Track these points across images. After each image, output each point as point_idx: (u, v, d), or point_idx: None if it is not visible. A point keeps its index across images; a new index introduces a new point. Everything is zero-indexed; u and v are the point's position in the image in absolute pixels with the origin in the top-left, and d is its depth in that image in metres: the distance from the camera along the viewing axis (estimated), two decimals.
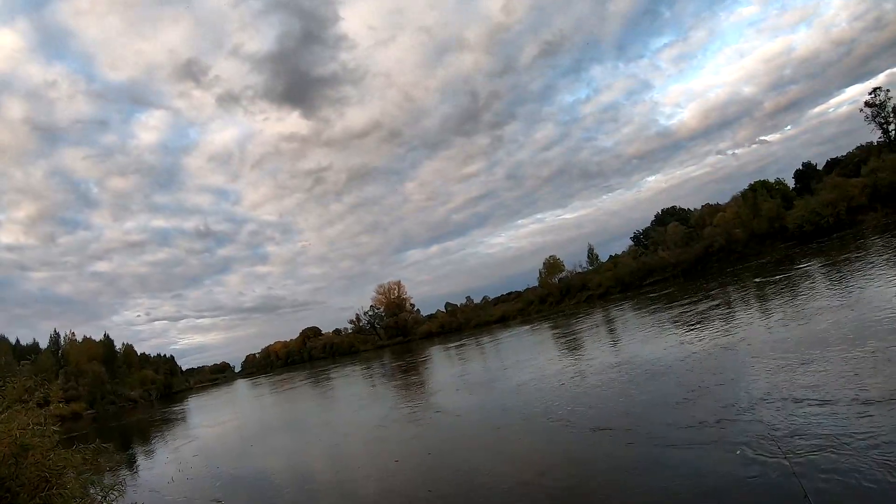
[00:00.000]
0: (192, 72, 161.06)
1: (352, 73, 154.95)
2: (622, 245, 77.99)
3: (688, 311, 25.88)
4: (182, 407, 53.31)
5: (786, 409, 8.96)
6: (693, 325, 21.14)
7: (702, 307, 26.01)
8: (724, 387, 11.31)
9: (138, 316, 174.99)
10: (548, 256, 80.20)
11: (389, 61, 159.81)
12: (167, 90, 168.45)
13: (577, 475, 8.64)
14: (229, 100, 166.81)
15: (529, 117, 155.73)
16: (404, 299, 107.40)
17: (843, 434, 7.38)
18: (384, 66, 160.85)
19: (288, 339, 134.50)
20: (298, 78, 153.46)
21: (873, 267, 21.83)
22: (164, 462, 19.41)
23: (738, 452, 7.73)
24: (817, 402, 8.82)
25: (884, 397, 8.15)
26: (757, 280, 31.76)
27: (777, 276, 29.86)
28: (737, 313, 21.32)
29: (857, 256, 27.04)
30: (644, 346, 19.40)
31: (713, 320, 20.90)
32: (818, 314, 15.86)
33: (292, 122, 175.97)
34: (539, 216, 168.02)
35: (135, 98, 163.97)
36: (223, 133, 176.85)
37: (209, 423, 32.16)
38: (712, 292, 31.76)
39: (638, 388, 13.32)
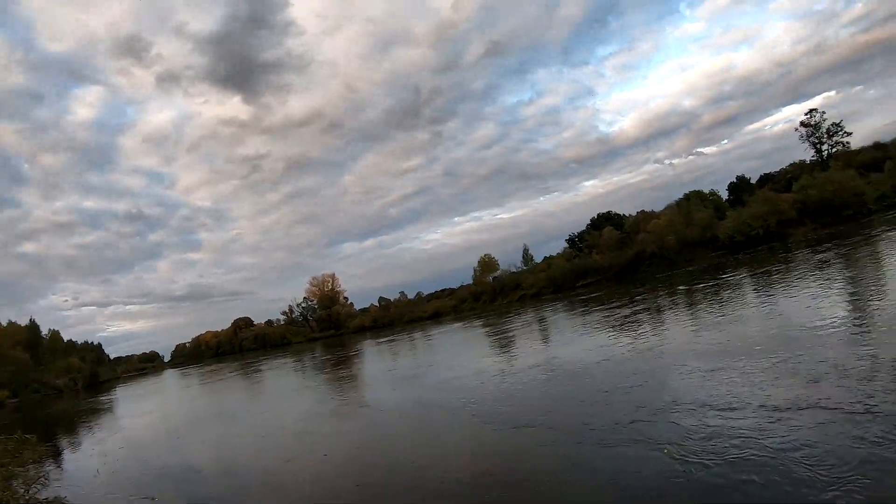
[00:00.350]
0: (133, 48, 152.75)
1: (297, 60, 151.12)
2: (557, 247, 78.37)
3: (613, 315, 26.21)
4: (109, 397, 51.50)
5: (697, 413, 9.16)
6: (615, 328, 21.49)
7: (626, 311, 26.32)
8: (640, 389, 11.55)
9: (65, 301, 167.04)
10: (483, 255, 79.98)
11: (335, 51, 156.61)
12: (106, 66, 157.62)
13: (501, 471, 8.72)
14: (169, 80, 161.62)
15: (470, 115, 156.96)
16: (338, 292, 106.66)
17: (752, 438, 7.58)
18: (330, 56, 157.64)
19: (219, 329, 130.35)
20: (242, 62, 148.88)
21: (793, 280, 22.36)
22: (89, 454, 18.84)
23: (652, 452, 7.97)
24: (727, 408, 9.03)
25: (788, 406, 8.44)
26: (682, 287, 32.15)
27: (702, 284, 30.37)
28: (658, 319, 21.84)
29: (780, 269, 27.77)
30: (566, 348, 19.82)
31: (635, 324, 21.16)
32: (734, 323, 16.33)
33: (232, 106, 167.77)
34: (475, 214, 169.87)
35: (72, 72, 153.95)
36: (161, 114, 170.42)
37: (136, 413, 31.61)
38: (638, 297, 32.19)
39: (558, 387, 13.58)
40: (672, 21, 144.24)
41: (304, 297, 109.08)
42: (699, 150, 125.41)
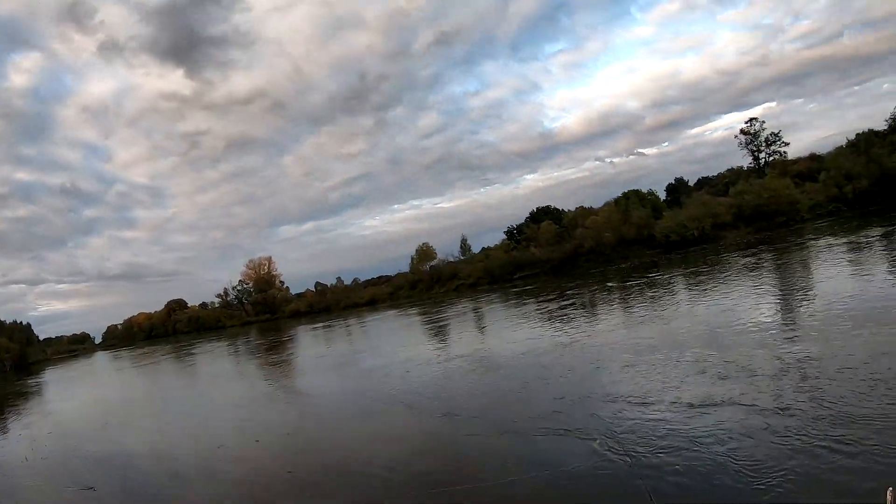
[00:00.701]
0: (76, 13, 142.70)
1: (243, 36, 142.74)
2: (495, 238, 77.11)
3: (545, 308, 26.60)
4: (38, 379, 50.23)
5: (613, 406, 9.25)
6: (545, 321, 21.80)
7: (558, 305, 26.54)
8: (562, 381, 11.68)
9: None
10: (421, 243, 77.90)
11: (283, 29, 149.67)
12: (47, 31, 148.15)
13: (430, 460, 8.70)
14: (112, 49, 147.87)
15: (416, 103, 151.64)
16: (274, 276, 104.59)
17: (669, 433, 7.64)
18: (277, 34, 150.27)
19: (152, 311, 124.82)
20: (187, 34, 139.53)
21: (720, 281, 22.81)
22: (17, 440, 18.25)
23: (574, 441, 8.08)
24: (642, 403, 9.11)
25: (700, 403, 8.52)
26: (615, 283, 32.42)
27: (634, 282, 30.68)
28: (587, 313, 22.07)
29: (710, 270, 28.43)
30: (495, 338, 20.29)
31: (564, 318, 21.41)
32: (655, 321, 16.62)
33: (175, 80, 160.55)
34: (415, 202, 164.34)
35: (11, 36, 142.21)
36: (101, 84, 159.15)
37: (66, 397, 31.20)
38: (572, 291, 32.40)
39: (485, 377, 13.68)
40: (622, 24, 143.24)
41: (240, 280, 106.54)
42: (640, 150, 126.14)
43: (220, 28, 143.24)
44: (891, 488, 3.18)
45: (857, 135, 49.55)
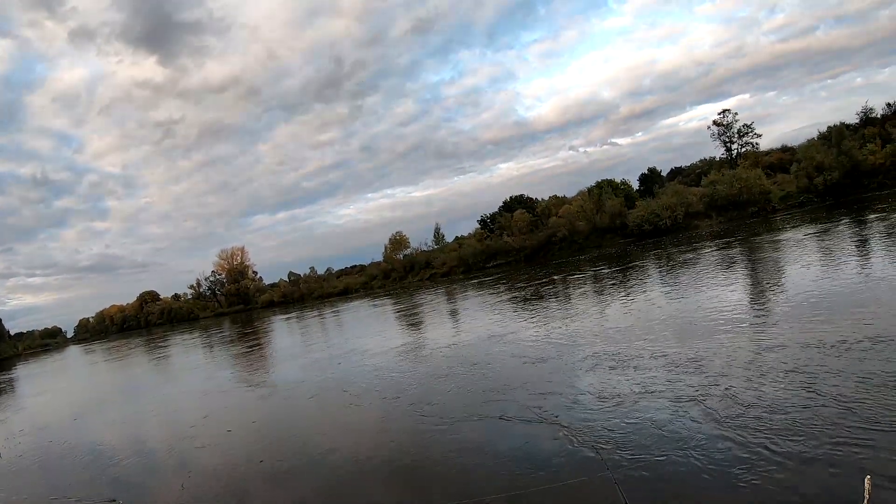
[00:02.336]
0: (47, 0, 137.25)
1: (217, 22, 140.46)
2: (469, 227, 76.80)
3: (516, 297, 26.87)
4: (10, 375, 48.90)
5: (583, 395, 9.24)
6: (516, 310, 21.94)
7: (530, 293, 26.77)
8: (532, 370, 11.64)
9: None
10: (394, 232, 76.90)
11: (258, 15, 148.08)
12: (17, 17, 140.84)
13: (404, 450, 8.52)
14: (83, 35, 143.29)
15: (391, 91, 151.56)
16: (247, 266, 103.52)
17: (633, 425, 7.53)
18: (252, 20, 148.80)
19: (125, 304, 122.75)
20: (160, 20, 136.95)
21: (690, 270, 22.67)
22: None
23: (544, 429, 8.03)
24: (599, 396, 9.00)
25: (668, 396, 8.34)
26: (586, 273, 32.51)
27: (607, 270, 30.74)
28: (558, 303, 21.93)
29: (681, 259, 28.14)
30: (467, 327, 20.23)
31: (535, 308, 21.36)
32: (621, 311, 16.47)
33: (148, 67, 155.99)
34: (389, 191, 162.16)
35: None
36: (72, 72, 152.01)
37: (39, 392, 30.64)
38: (543, 280, 32.50)
39: (456, 367, 13.49)
40: (599, 13, 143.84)
41: (213, 271, 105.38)
42: (614, 140, 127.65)
43: (194, 13, 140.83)
44: (868, 476, 3.46)
45: (829, 127, 49.78)
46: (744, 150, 61.46)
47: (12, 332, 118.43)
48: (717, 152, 65.00)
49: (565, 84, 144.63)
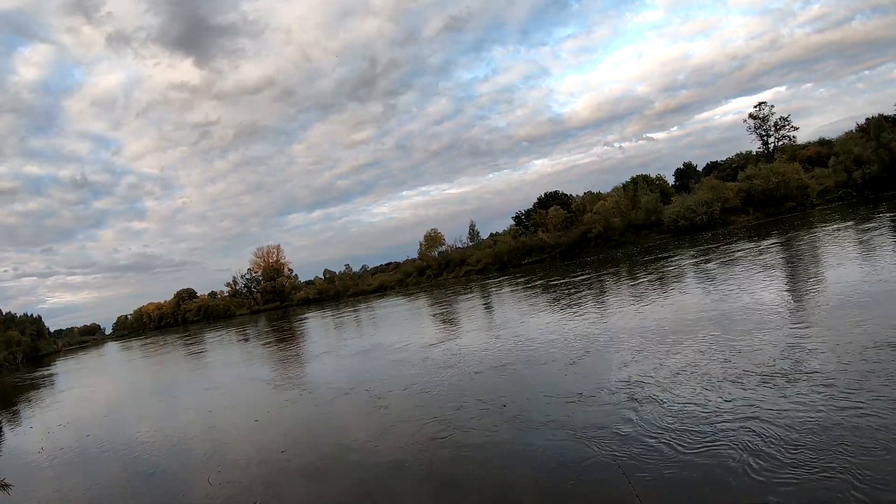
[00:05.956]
0: (83, 5, 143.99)
1: (251, 24, 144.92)
2: (504, 224, 78.02)
3: (552, 294, 26.79)
4: (49, 371, 49.71)
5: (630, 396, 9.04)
6: (553, 308, 21.86)
7: (567, 291, 26.61)
8: (574, 368, 11.49)
9: (5, 271, 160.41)
10: (429, 229, 78.04)
11: (291, 17, 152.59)
12: (55, 23, 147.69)
13: (434, 455, 8.40)
14: (120, 40, 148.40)
15: (425, 90, 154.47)
16: (283, 264, 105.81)
17: (660, 430, 7.43)
18: (285, 22, 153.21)
19: (162, 301, 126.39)
20: (195, 24, 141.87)
21: (729, 267, 22.39)
22: (32, 430, 18.23)
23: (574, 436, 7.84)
24: (647, 405, 8.54)
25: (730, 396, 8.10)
26: (623, 269, 32.60)
27: (642, 268, 30.57)
28: (596, 300, 21.74)
29: (720, 255, 27.71)
30: (507, 326, 19.35)
31: (572, 304, 21.26)
32: (656, 310, 16.32)
33: (184, 70, 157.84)
34: (424, 189, 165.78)
35: (19, 29, 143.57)
36: (110, 76, 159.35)
37: (78, 387, 31.08)
38: (581, 277, 32.44)
39: (496, 368, 13.15)
40: (632, 8, 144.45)
41: (249, 269, 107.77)
42: (649, 135, 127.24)
43: (230, 17, 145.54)
44: None
45: (867, 120, 49.35)
46: (780, 143, 60.95)
47: (52, 330, 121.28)
48: (754, 146, 64.54)
49: (599, 80, 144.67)
